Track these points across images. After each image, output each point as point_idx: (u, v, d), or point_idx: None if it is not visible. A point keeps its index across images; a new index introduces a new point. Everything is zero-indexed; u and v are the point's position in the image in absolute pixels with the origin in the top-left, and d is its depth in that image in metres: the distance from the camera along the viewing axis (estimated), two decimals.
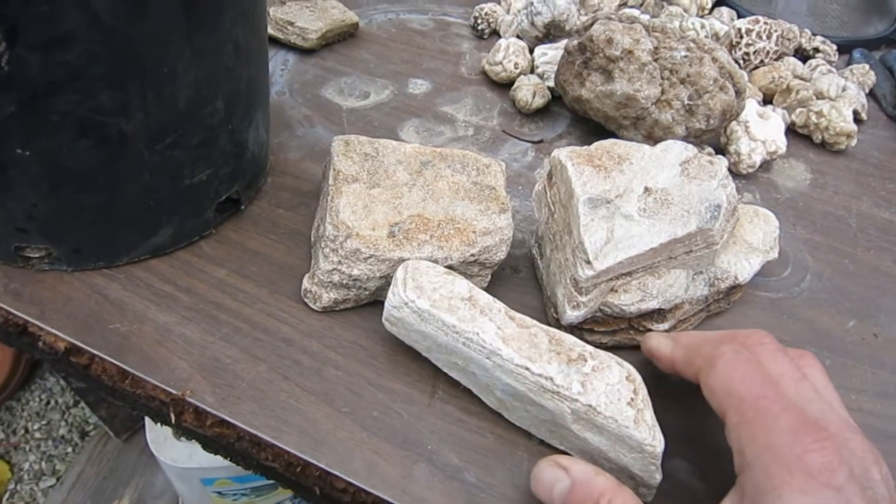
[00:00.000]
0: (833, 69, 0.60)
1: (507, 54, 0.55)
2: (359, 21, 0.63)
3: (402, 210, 0.39)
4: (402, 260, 0.37)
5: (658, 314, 0.37)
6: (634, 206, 0.35)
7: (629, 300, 0.36)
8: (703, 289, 0.38)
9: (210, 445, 0.34)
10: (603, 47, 0.47)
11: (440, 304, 0.32)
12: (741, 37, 0.58)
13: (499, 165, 0.42)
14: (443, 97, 0.56)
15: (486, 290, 0.40)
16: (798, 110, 0.55)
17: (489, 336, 0.31)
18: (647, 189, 0.36)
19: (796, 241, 0.47)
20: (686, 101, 0.46)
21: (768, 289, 0.43)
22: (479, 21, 0.64)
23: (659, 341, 0.33)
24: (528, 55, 0.56)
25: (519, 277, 0.42)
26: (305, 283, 0.38)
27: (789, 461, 0.24)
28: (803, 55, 0.64)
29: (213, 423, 0.33)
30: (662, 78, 0.46)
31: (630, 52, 0.46)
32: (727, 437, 0.28)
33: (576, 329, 0.38)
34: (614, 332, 0.38)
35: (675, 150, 0.38)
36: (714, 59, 0.46)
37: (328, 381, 0.35)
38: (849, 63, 0.65)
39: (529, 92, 0.53)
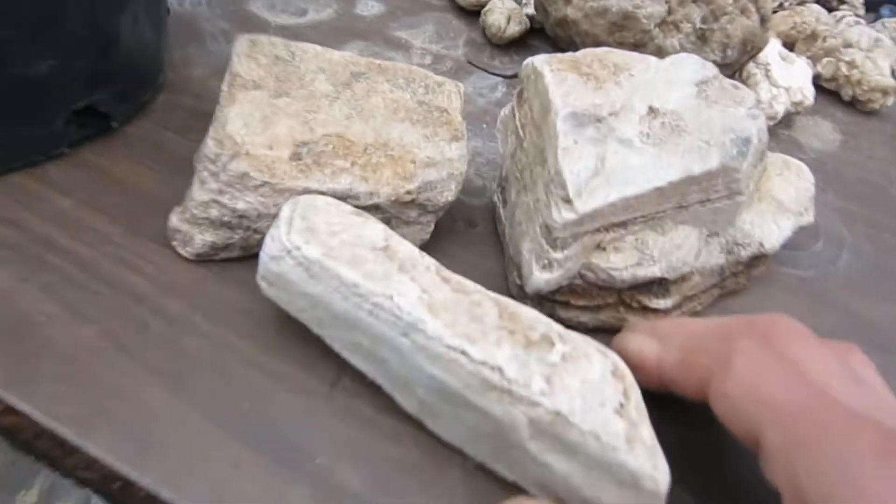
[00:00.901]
0: (862, 21, 0.51)
1: None
2: None
3: (315, 127, 0.28)
4: (308, 192, 0.26)
5: (659, 286, 0.27)
6: (635, 129, 0.25)
7: (621, 262, 0.26)
8: (719, 256, 0.29)
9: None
10: None
11: (339, 254, 0.22)
12: None
13: (455, 87, 0.32)
14: (398, 21, 0.46)
15: (428, 246, 0.30)
16: (825, 60, 0.46)
17: (408, 301, 0.21)
18: (652, 109, 0.26)
19: (827, 208, 0.37)
20: (698, 25, 0.36)
21: (796, 264, 0.33)
22: None
23: (641, 341, 0.23)
24: None
25: (475, 233, 0.32)
26: (173, 220, 0.28)
27: (887, 498, 0.15)
28: (827, 7, 0.55)
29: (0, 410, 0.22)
30: None
31: None
32: (764, 467, 0.18)
33: (546, 301, 0.27)
34: (598, 307, 0.27)
35: (688, 67, 0.28)
36: None
37: (184, 356, 0.24)
38: (875, 21, 0.55)
39: (503, 16, 0.43)
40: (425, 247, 0.30)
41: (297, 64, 0.31)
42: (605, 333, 0.28)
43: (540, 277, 0.25)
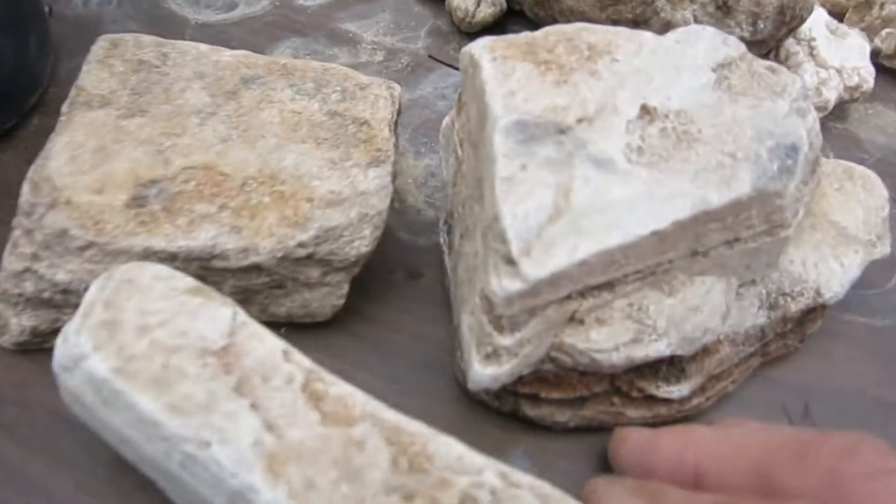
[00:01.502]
0: None
1: None
2: None
3: (173, 157, 0.20)
4: (150, 253, 0.18)
5: (671, 366, 0.19)
6: (619, 142, 0.16)
7: (608, 340, 0.17)
8: (758, 314, 0.20)
9: None
10: None
11: (140, 367, 0.14)
12: None
13: (387, 89, 0.24)
14: (347, 11, 0.38)
15: (348, 310, 0.22)
16: (885, 32, 0.36)
17: (235, 452, 0.13)
18: (647, 110, 0.17)
19: None
20: None
21: (865, 309, 0.24)
22: None
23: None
24: None
25: (418, 287, 0.24)
26: None
27: None
28: None
29: None
30: None
31: None
32: None
33: (506, 394, 0.19)
34: (581, 400, 0.19)
35: (703, 43, 0.19)
36: None
37: None
38: None
39: None
40: (343, 312, 0.22)
41: (167, 70, 0.23)
42: (593, 434, 0.20)
43: (482, 373, 0.16)
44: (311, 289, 0.20)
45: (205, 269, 0.19)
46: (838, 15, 0.39)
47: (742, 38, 0.28)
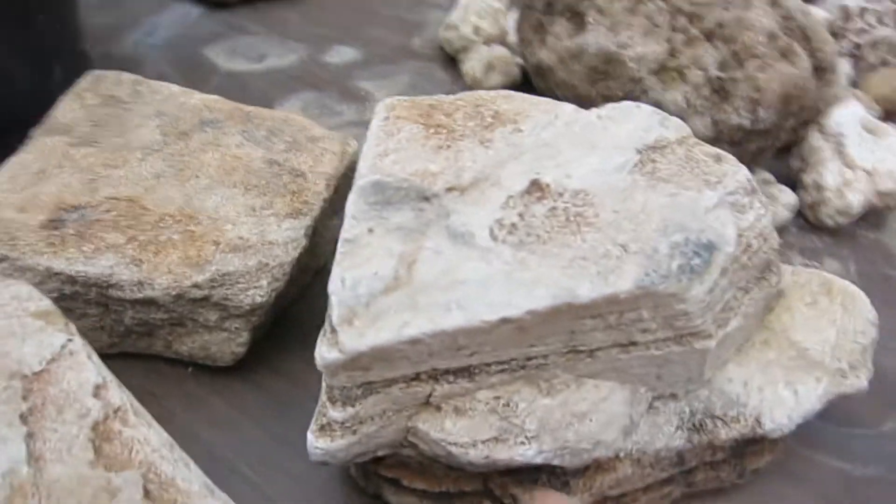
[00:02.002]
0: None
1: (467, 14, 0.37)
2: None
3: (102, 187, 0.21)
4: (51, 273, 0.19)
5: (553, 478, 0.16)
6: (489, 217, 0.15)
7: (466, 434, 0.15)
8: (676, 435, 0.17)
9: None
10: None
11: None
12: (848, 19, 0.36)
13: (340, 144, 0.24)
14: (369, 70, 0.39)
15: (256, 361, 0.21)
16: None
17: None
18: (538, 186, 0.16)
19: None
20: (714, 72, 0.25)
21: (843, 451, 0.21)
22: None
23: None
24: (502, 20, 0.38)
25: None
26: None
27: None
28: None
29: None
30: (673, 28, 0.26)
31: None
32: None
33: (372, 476, 0.17)
34: (447, 496, 0.17)
35: (633, 122, 0.18)
36: (773, 2, 0.25)
37: None
38: None
39: (480, 63, 0.34)
40: (253, 360, 0.21)
41: (131, 107, 0.24)
42: None
43: (313, 444, 0.15)
44: (210, 332, 0.20)
45: (104, 296, 0.19)
46: (890, 113, 0.35)
47: (741, 127, 0.26)
